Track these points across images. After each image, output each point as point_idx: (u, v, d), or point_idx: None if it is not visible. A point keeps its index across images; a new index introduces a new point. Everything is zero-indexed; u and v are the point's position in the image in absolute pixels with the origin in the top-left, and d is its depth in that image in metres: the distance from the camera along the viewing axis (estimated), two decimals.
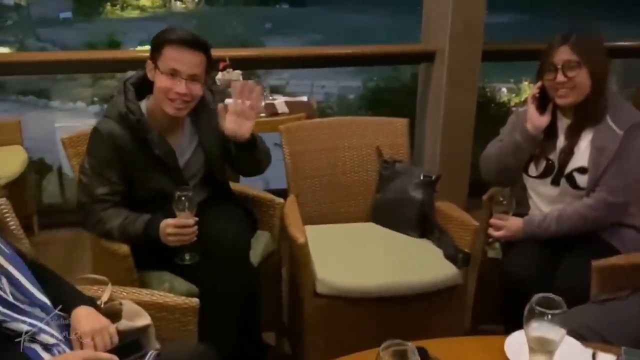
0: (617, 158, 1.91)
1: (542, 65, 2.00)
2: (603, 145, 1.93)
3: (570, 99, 1.96)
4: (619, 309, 1.64)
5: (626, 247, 1.95)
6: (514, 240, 2.03)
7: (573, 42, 1.93)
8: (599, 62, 1.96)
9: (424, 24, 3.41)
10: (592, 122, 1.97)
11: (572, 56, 1.93)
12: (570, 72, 1.92)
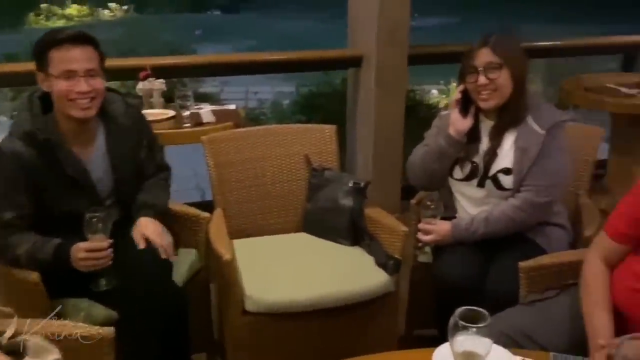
0: (540, 158, 1.93)
1: (463, 68, 1.99)
2: (526, 145, 1.95)
3: (493, 101, 1.96)
4: (548, 309, 1.64)
5: (552, 245, 1.98)
6: (443, 243, 2.02)
7: (493, 44, 1.94)
8: (519, 64, 1.98)
9: (350, 29, 3.40)
10: (514, 123, 1.98)
11: (493, 58, 1.93)
12: (492, 73, 1.93)
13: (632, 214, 1.53)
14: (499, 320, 1.60)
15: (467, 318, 1.05)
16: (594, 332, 1.46)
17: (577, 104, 3.60)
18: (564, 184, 2.05)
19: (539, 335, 1.55)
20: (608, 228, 1.61)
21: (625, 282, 1.52)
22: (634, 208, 1.53)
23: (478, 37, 2.01)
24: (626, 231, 1.55)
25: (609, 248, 1.58)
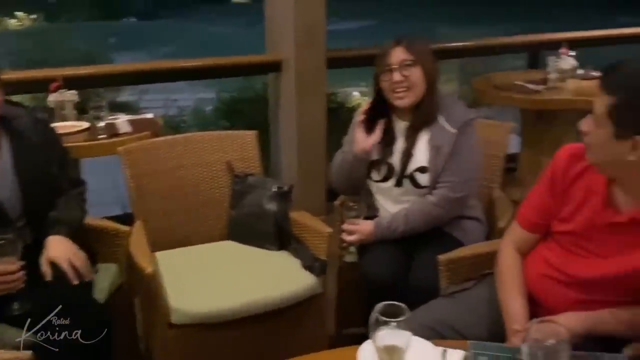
0: (453, 155, 2.01)
1: (378, 69, 2.05)
2: (439, 144, 2.02)
3: (408, 99, 2.03)
4: (467, 299, 1.70)
5: (469, 238, 2.06)
6: (367, 242, 2.07)
7: (406, 43, 2.03)
8: (430, 63, 2.06)
9: (268, 34, 3.41)
10: (427, 122, 2.05)
11: (407, 56, 2.01)
12: (406, 71, 2.00)
13: (539, 204, 1.62)
14: (422, 313, 1.65)
15: (387, 313, 1.08)
16: (509, 318, 1.53)
17: (488, 101, 3.77)
18: (477, 179, 2.13)
19: (460, 325, 1.60)
20: (519, 218, 1.69)
21: (537, 269, 1.60)
22: (541, 198, 1.62)
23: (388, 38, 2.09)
24: (536, 220, 1.63)
25: (521, 237, 1.66)
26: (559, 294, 1.53)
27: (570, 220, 1.54)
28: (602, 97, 1.34)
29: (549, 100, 3.29)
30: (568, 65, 3.47)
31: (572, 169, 1.54)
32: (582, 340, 1.43)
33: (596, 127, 1.36)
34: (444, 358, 1.24)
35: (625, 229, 1.43)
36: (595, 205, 1.48)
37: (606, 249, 1.46)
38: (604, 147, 1.37)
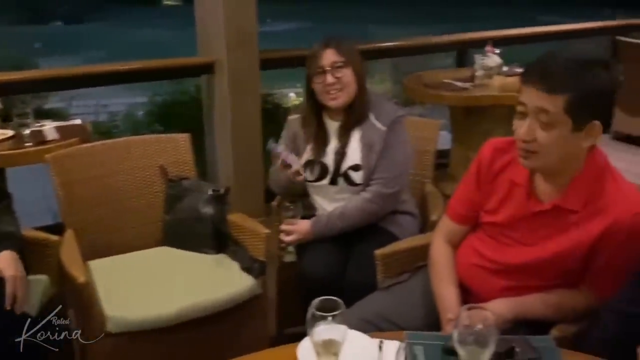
0: (384, 152, 2.06)
1: (309, 71, 2.07)
2: (371, 142, 2.06)
3: (341, 100, 2.06)
4: (403, 292, 1.75)
5: (404, 232, 2.11)
6: (306, 241, 2.08)
7: (336, 45, 2.06)
8: (359, 63, 2.10)
9: (199, 36, 3.37)
10: (359, 121, 2.09)
11: (337, 57, 2.04)
12: (338, 72, 2.03)
13: (467, 197, 1.68)
14: (359, 308, 1.69)
15: (323, 308, 1.10)
16: (443, 307, 1.59)
17: (419, 99, 3.86)
18: (408, 174, 2.19)
19: (396, 317, 1.64)
20: (448, 211, 1.75)
21: (467, 259, 1.66)
22: (468, 191, 1.68)
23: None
24: (464, 213, 1.69)
25: (451, 229, 1.72)
26: (489, 282, 1.60)
27: (496, 212, 1.60)
28: (550, 99, 1.36)
29: (476, 97, 3.40)
30: (493, 62, 3.60)
31: (496, 162, 1.61)
32: (511, 325, 1.50)
33: (549, 128, 1.39)
34: (381, 350, 1.27)
35: (547, 217, 1.50)
36: (519, 197, 1.55)
37: (531, 236, 1.53)
38: (560, 145, 1.40)
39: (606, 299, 1.43)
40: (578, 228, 1.46)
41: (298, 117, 2.18)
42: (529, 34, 4.66)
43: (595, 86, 1.37)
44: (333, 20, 17.32)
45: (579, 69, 1.38)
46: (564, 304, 1.52)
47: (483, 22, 7.51)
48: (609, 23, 5.70)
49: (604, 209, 1.43)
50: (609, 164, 1.50)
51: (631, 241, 1.41)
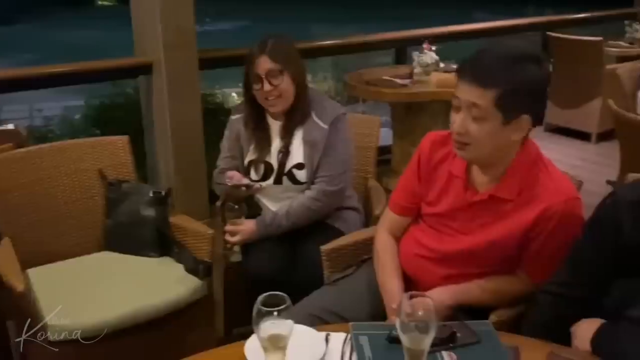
0: (327, 150, 2.08)
1: (247, 76, 2.07)
2: (313, 140, 2.08)
3: (280, 106, 2.07)
4: (349, 285, 1.77)
5: (349, 227, 2.14)
6: (251, 241, 2.08)
7: (270, 51, 2.02)
8: (297, 66, 2.09)
9: (136, 36, 3.30)
10: (301, 120, 2.10)
11: (273, 65, 2.02)
12: (275, 80, 2.02)
13: (407, 188, 1.73)
14: (306, 303, 1.70)
15: (269, 304, 1.10)
16: (388, 297, 1.62)
17: (360, 96, 3.91)
18: (351, 170, 2.22)
19: (343, 310, 1.67)
20: (390, 204, 1.79)
21: (410, 249, 1.70)
22: (409, 183, 1.72)
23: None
24: (405, 204, 1.73)
25: (393, 221, 1.76)
26: (431, 271, 1.64)
27: (436, 203, 1.65)
28: (481, 93, 1.41)
29: (415, 93, 3.48)
30: (430, 59, 3.69)
31: (435, 155, 1.66)
32: (452, 312, 1.55)
33: (480, 122, 1.44)
34: (327, 342, 1.29)
35: (484, 207, 1.56)
36: (457, 188, 1.60)
37: (469, 226, 1.59)
38: (492, 137, 1.46)
39: (541, 283, 1.50)
40: (513, 216, 1.52)
41: (240, 117, 2.18)
42: (464, 31, 4.79)
43: (524, 81, 1.42)
44: (275, 19, 17.27)
45: (509, 64, 1.43)
46: (501, 289, 1.58)
47: (420, 20, 7.66)
48: (539, 19, 5.95)
49: (537, 197, 1.49)
50: (541, 154, 1.57)
51: (563, 227, 1.48)
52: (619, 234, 1.29)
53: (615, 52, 4.87)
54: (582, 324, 1.33)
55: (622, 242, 1.29)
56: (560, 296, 1.42)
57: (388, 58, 5.04)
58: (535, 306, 1.50)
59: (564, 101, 4.91)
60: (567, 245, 1.45)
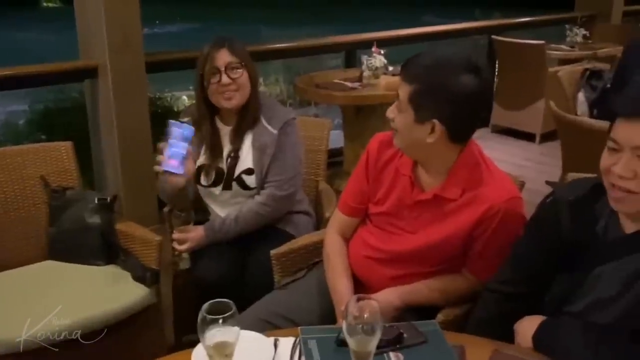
0: (276, 155, 2.07)
1: (202, 72, 2.03)
2: (262, 145, 2.07)
3: (235, 100, 2.04)
4: (299, 288, 1.77)
5: (300, 231, 2.14)
6: (200, 247, 2.05)
7: (230, 46, 2.03)
8: (252, 65, 2.09)
9: (81, 38, 3.22)
10: (251, 124, 2.08)
11: (233, 58, 2.01)
12: (234, 73, 2.01)
13: (356, 189, 1.74)
14: (256, 308, 1.69)
15: (215, 311, 1.09)
16: (337, 299, 1.63)
17: (310, 99, 3.91)
18: (301, 174, 2.21)
19: (294, 314, 1.67)
20: (339, 205, 1.80)
21: (359, 251, 1.71)
22: (357, 184, 1.74)
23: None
24: (353, 205, 1.75)
25: (343, 222, 1.77)
26: (378, 271, 1.66)
27: (383, 202, 1.67)
28: (404, 86, 1.48)
29: (365, 96, 3.50)
30: (379, 63, 3.72)
31: (383, 155, 1.68)
32: (401, 313, 1.57)
33: (399, 113, 1.50)
34: (276, 347, 1.28)
35: (430, 205, 1.58)
36: (403, 187, 1.62)
37: (415, 224, 1.61)
38: (407, 131, 1.51)
39: (486, 281, 1.53)
40: (457, 216, 1.55)
41: (188, 120, 2.14)
42: (412, 35, 4.86)
43: (443, 85, 1.45)
44: (225, 22, 17.15)
45: (434, 65, 1.47)
46: (448, 288, 1.60)
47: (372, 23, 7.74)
48: (486, 23, 6.09)
49: (480, 197, 1.53)
50: (483, 155, 1.61)
51: (505, 225, 1.51)
52: (558, 232, 1.34)
53: (558, 55, 5.03)
54: (524, 321, 1.37)
55: (561, 240, 1.34)
56: (504, 293, 1.46)
57: (339, 61, 5.08)
58: (481, 303, 1.54)
59: (509, 103, 5.05)
60: (509, 243, 1.49)
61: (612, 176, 1.22)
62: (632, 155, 1.19)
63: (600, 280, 1.29)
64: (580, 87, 3.50)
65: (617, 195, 1.22)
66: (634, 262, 1.24)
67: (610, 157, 1.22)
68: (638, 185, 1.19)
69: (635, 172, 1.18)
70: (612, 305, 1.26)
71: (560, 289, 1.36)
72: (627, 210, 1.24)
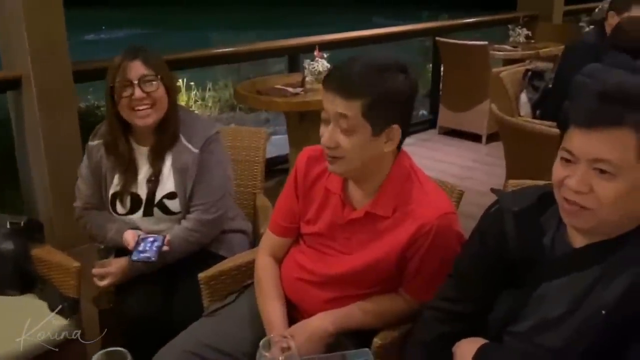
0: (200, 177, 1.91)
1: (112, 84, 1.86)
2: (184, 167, 1.91)
3: (151, 118, 1.87)
4: (230, 315, 1.65)
5: (235, 251, 1.98)
6: (125, 280, 1.89)
7: (144, 57, 1.86)
8: (170, 78, 1.94)
9: (2, 49, 3.02)
10: (170, 143, 1.92)
11: (147, 70, 1.86)
12: (148, 86, 1.85)
13: (286, 208, 1.63)
14: (181, 339, 1.57)
15: None
16: (268, 325, 1.52)
17: (251, 106, 3.79)
18: (231, 193, 2.06)
19: (223, 343, 1.55)
20: (271, 224, 1.69)
21: (291, 273, 1.61)
22: (288, 202, 1.63)
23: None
24: (284, 224, 1.64)
25: (274, 243, 1.66)
26: (313, 295, 1.55)
27: (315, 221, 1.57)
28: (350, 104, 1.36)
29: (307, 102, 3.41)
30: (322, 67, 3.63)
31: (312, 171, 1.58)
32: (336, 338, 1.47)
33: (350, 134, 1.38)
34: None
35: (362, 224, 1.49)
36: (334, 206, 1.53)
37: (348, 245, 1.52)
38: (360, 151, 1.40)
39: (425, 301, 1.44)
40: (390, 234, 1.46)
41: (100, 143, 1.97)
42: (356, 37, 4.80)
43: (390, 90, 1.38)
44: (175, 27, 16.83)
45: (374, 74, 1.38)
46: (384, 310, 1.52)
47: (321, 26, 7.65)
48: (431, 24, 6.10)
49: (412, 214, 1.44)
50: (414, 166, 1.53)
51: (440, 243, 1.43)
52: (502, 245, 1.25)
53: (501, 56, 5.06)
54: (462, 344, 1.28)
55: (506, 254, 1.24)
56: (446, 312, 1.37)
57: (281, 66, 4.99)
58: (421, 324, 1.44)
59: (455, 104, 5.04)
60: (446, 261, 1.41)
61: (566, 190, 1.12)
62: (588, 168, 1.08)
63: (546, 298, 1.20)
64: (523, 87, 3.49)
65: (571, 210, 1.12)
66: (583, 278, 1.15)
67: (563, 169, 1.12)
68: (593, 202, 1.09)
69: (591, 186, 1.08)
70: (560, 325, 1.17)
71: (505, 308, 1.26)
72: (581, 226, 1.15)
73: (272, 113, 6.33)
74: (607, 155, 1.06)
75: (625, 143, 1.05)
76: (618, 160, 1.05)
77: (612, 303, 1.09)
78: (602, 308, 1.10)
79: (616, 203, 1.07)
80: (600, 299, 1.12)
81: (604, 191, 1.07)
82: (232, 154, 2.36)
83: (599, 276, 1.13)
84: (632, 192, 1.07)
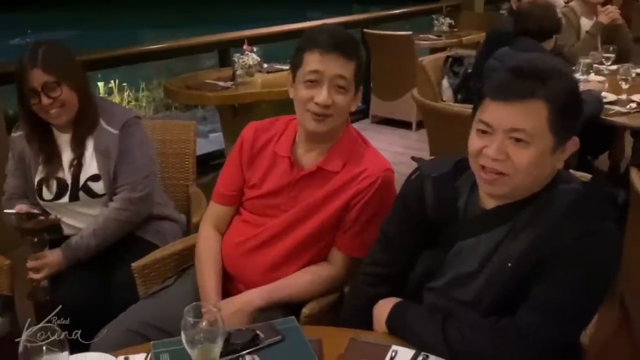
0: (122, 157, 1.96)
1: (21, 92, 1.89)
2: (106, 148, 1.96)
3: (65, 116, 1.92)
4: (170, 296, 1.70)
5: (166, 240, 2.03)
6: (60, 271, 1.91)
7: (42, 64, 1.86)
8: (75, 74, 1.95)
9: None
10: (90, 129, 1.97)
11: (47, 77, 1.86)
12: (52, 93, 1.87)
13: (230, 177, 1.73)
14: (124, 319, 1.61)
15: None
16: (204, 294, 1.59)
17: (182, 102, 3.80)
18: (156, 174, 2.12)
19: (164, 322, 1.58)
20: (213, 195, 1.77)
21: (232, 241, 1.69)
22: (231, 171, 1.73)
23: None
24: (227, 193, 1.73)
25: (217, 213, 1.75)
26: (254, 263, 1.64)
27: (260, 185, 1.67)
28: (346, 65, 1.53)
29: (239, 95, 3.43)
30: (252, 60, 3.67)
31: (259, 140, 1.69)
32: (266, 312, 1.54)
33: (344, 93, 1.55)
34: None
35: (310, 180, 1.61)
36: (282, 167, 1.64)
37: (294, 202, 1.62)
38: (347, 107, 1.58)
39: (354, 257, 1.58)
40: (338, 189, 1.59)
41: (23, 134, 1.99)
42: (284, 31, 4.86)
43: (363, 59, 1.61)
44: (103, 28, 16.44)
45: (355, 41, 1.59)
46: (311, 279, 1.60)
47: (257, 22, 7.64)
48: (359, 17, 6.23)
49: (359, 167, 1.59)
50: (360, 133, 1.70)
51: (379, 195, 1.57)
52: (422, 208, 1.37)
53: (426, 45, 5.23)
54: (378, 305, 1.38)
55: (426, 216, 1.37)
56: (374, 275, 1.47)
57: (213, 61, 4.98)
58: (353, 289, 1.56)
59: (385, 94, 5.19)
60: (378, 216, 1.53)
61: (483, 158, 1.23)
62: (504, 138, 1.20)
63: (460, 255, 1.32)
64: (444, 74, 3.66)
65: (489, 178, 1.24)
66: (493, 236, 1.28)
67: (480, 140, 1.24)
68: (509, 168, 1.21)
69: (507, 154, 1.20)
70: (472, 280, 1.29)
71: (424, 266, 1.38)
72: (498, 192, 1.26)
73: (210, 111, 6.31)
74: (523, 124, 1.19)
75: (538, 113, 1.19)
76: (532, 129, 1.19)
77: (517, 256, 1.22)
78: (508, 261, 1.24)
79: (529, 168, 1.20)
80: (507, 253, 1.25)
81: (519, 158, 1.20)
82: (162, 148, 2.41)
83: (506, 234, 1.27)
84: (542, 158, 1.21)
